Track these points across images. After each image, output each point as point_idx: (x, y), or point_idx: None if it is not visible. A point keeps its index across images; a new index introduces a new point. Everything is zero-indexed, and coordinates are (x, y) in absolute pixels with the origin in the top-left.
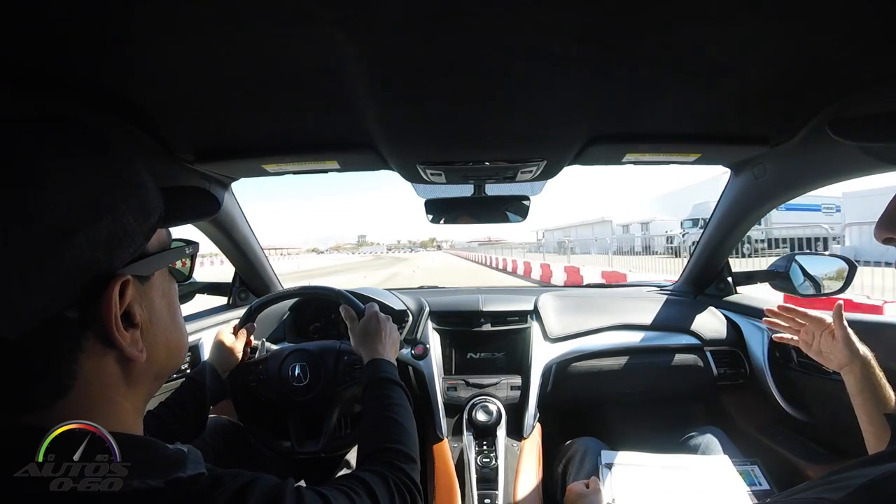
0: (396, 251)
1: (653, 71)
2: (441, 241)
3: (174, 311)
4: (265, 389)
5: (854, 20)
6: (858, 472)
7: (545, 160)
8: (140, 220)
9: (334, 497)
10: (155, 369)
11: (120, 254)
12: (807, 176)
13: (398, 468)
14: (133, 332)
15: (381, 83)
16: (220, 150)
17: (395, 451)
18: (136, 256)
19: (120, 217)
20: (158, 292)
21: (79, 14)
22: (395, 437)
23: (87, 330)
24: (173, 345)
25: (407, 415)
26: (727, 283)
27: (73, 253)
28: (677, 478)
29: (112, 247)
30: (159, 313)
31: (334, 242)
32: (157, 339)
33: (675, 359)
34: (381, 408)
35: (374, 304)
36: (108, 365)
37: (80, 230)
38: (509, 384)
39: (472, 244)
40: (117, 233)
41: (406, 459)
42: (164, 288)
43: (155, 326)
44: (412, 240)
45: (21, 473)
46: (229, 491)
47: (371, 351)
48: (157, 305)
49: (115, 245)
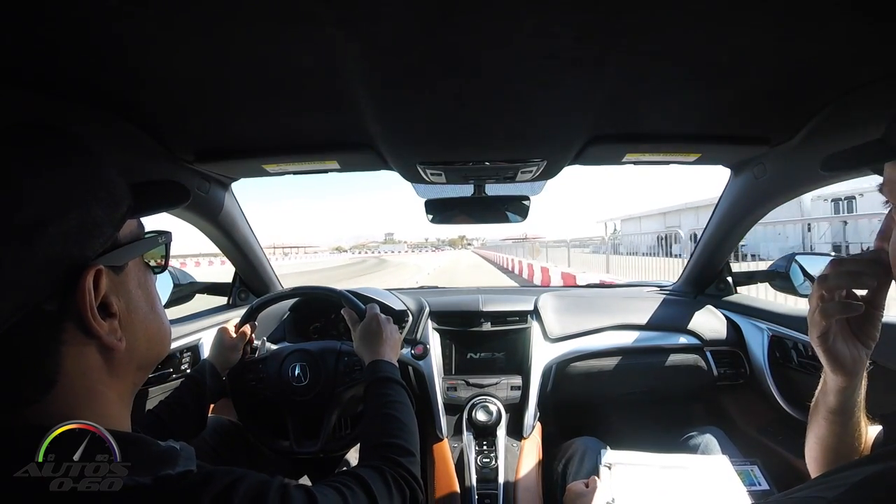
0: (420, 249)
1: (653, 71)
2: (472, 240)
3: (152, 301)
4: (265, 389)
5: (853, 20)
6: (854, 471)
7: (545, 160)
8: (109, 212)
9: (323, 494)
10: (137, 359)
11: (91, 244)
12: (807, 176)
13: (396, 462)
14: (111, 322)
15: (381, 83)
16: (220, 150)
17: (392, 445)
18: (108, 247)
19: (89, 209)
20: (134, 282)
21: (79, 14)
22: (393, 432)
23: (67, 322)
24: (153, 334)
25: (407, 411)
26: (727, 283)
27: (46, 246)
28: (677, 477)
29: (83, 238)
30: (136, 303)
31: (362, 241)
32: (137, 328)
33: (674, 359)
34: (381, 405)
35: (374, 304)
36: (90, 356)
37: (50, 223)
38: (509, 384)
39: (505, 242)
40: (87, 224)
41: (404, 453)
42: (140, 278)
43: (133, 315)
44: (440, 238)
45: (21, 473)
46: (216, 488)
47: (372, 352)
48: (134, 295)
49: (86, 236)
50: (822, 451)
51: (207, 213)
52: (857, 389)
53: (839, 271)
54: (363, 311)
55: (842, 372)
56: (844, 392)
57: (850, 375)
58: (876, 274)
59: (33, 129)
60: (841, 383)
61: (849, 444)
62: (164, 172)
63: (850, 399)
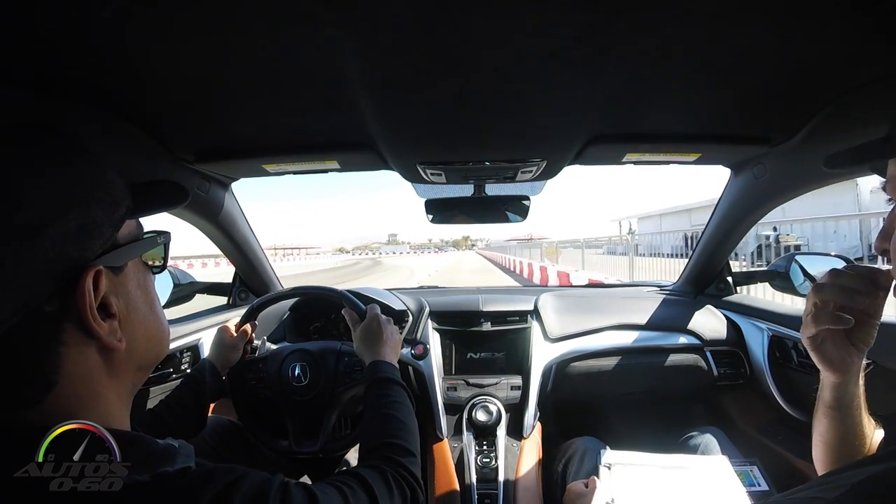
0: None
1: (653, 71)
2: (476, 240)
3: (152, 302)
4: (264, 388)
5: (853, 20)
6: (854, 472)
7: (545, 160)
8: (108, 212)
9: (324, 493)
10: (136, 360)
11: (91, 245)
12: (807, 176)
13: (397, 462)
14: (111, 323)
15: (381, 83)
16: (220, 150)
17: (393, 445)
18: (107, 247)
19: (88, 210)
20: (134, 283)
21: (80, 14)
22: (394, 432)
23: (67, 323)
24: (153, 334)
25: (407, 411)
26: (727, 283)
27: (46, 247)
28: (677, 478)
29: (82, 239)
30: (136, 303)
31: (365, 241)
32: (136, 328)
33: (674, 359)
34: (381, 406)
35: (375, 305)
36: (90, 357)
37: (50, 224)
38: (509, 384)
39: (509, 242)
40: (86, 225)
41: (404, 453)
42: (140, 279)
43: (133, 316)
44: (444, 239)
45: (21, 473)
46: (216, 487)
47: (373, 353)
48: (134, 296)
49: (86, 237)
50: (825, 450)
51: (207, 213)
52: (850, 385)
53: (835, 284)
54: (364, 312)
55: (832, 370)
56: (838, 388)
57: (841, 373)
58: (870, 292)
59: (33, 129)
60: (834, 379)
61: (851, 443)
62: (164, 172)
63: (844, 395)
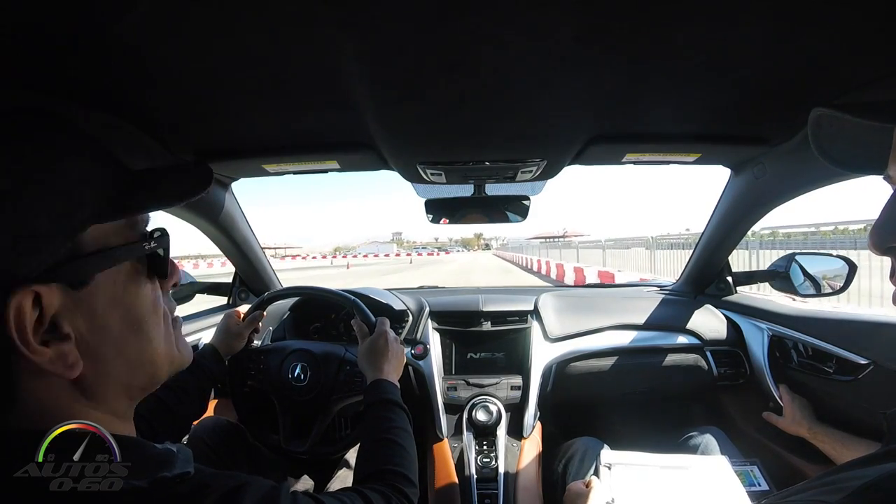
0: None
1: (652, 71)
2: (490, 239)
3: (135, 320)
4: (263, 381)
5: (853, 20)
6: (855, 473)
7: (545, 160)
8: (59, 218)
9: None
10: (117, 383)
11: (27, 261)
12: (807, 176)
13: (400, 491)
14: (58, 346)
15: (381, 83)
16: (220, 150)
17: (397, 473)
18: (60, 259)
19: (25, 216)
20: (105, 299)
21: (79, 14)
22: (396, 459)
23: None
24: (134, 357)
25: (408, 437)
26: (727, 283)
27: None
28: (677, 478)
29: (18, 254)
30: (105, 322)
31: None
32: (106, 351)
33: (674, 358)
34: (382, 430)
35: (385, 319)
36: (51, 380)
37: None
38: (509, 384)
39: (531, 241)
40: (22, 236)
41: (408, 483)
42: (116, 294)
43: (99, 337)
44: (452, 238)
45: (21, 473)
46: (217, 494)
47: (375, 370)
48: (102, 314)
49: (21, 252)
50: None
51: (207, 213)
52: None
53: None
54: (373, 325)
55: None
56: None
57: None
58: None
59: None
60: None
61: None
62: None
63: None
